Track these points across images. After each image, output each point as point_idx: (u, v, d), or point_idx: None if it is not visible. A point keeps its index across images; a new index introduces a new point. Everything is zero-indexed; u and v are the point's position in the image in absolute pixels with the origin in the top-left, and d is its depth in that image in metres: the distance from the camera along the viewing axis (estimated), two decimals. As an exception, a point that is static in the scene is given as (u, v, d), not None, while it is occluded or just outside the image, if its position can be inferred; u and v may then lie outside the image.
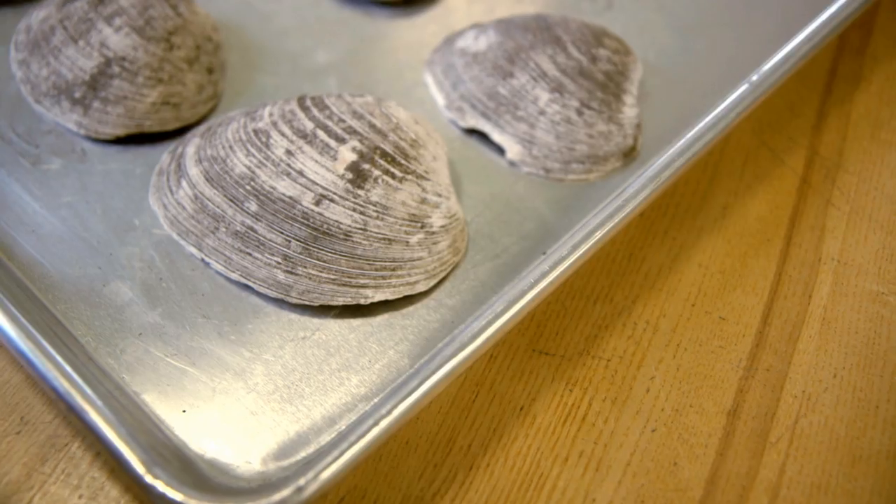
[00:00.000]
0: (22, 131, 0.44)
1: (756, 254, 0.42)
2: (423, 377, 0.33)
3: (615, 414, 0.36)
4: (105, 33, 0.45)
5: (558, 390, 0.37)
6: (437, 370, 0.33)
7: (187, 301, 0.39)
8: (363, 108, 0.41)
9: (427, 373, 0.33)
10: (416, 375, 0.33)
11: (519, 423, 0.36)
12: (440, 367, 0.33)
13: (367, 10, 0.53)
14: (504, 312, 0.35)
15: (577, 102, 0.44)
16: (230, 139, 0.41)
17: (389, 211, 0.39)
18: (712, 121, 0.42)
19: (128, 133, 0.44)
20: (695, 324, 0.39)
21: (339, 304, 0.38)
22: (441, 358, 0.33)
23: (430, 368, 0.33)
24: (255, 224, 0.39)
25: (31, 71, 0.46)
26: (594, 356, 0.38)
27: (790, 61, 0.45)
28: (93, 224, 0.41)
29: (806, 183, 0.45)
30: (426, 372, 0.33)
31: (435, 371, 0.33)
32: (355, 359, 0.37)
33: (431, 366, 0.33)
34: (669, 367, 0.38)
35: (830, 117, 0.48)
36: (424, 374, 0.33)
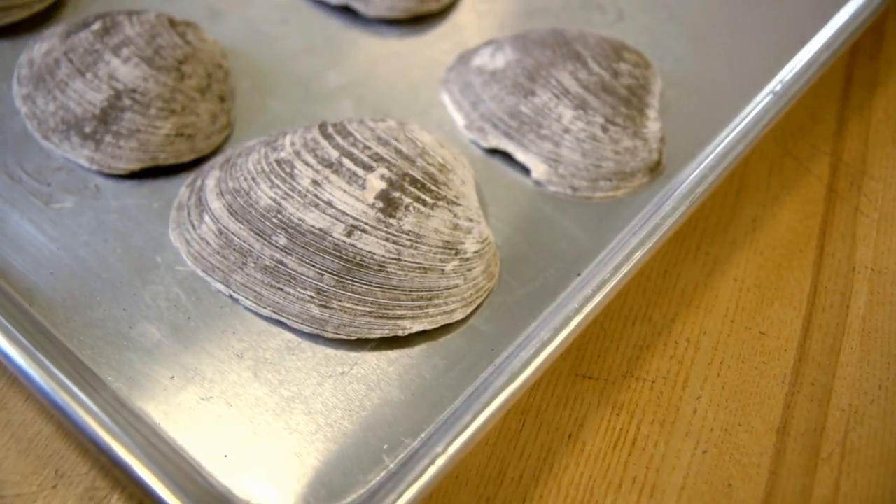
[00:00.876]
0: (31, 169, 0.44)
1: (790, 265, 0.42)
2: (476, 411, 0.33)
3: (664, 437, 0.36)
4: (113, 65, 0.44)
5: (605, 415, 0.37)
6: (489, 403, 0.33)
7: (218, 340, 0.38)
8: (388, 134, 0.41)
9: (479, 406, 0.33)
10: (467, 409, 0.33)
11: (568, 451, 0.36)
12: (492, 399, 0.33)
13: (376, 29, 0.53)
14: (552, 340, 0.35)
15: (601, 119, 0.44)
16: (252, 170, 0.40)
17: (423, 239, 0.38)
18: (741, 133, 0.42)
19: (142, 167, 0.44)
20: (736, 340, 0.39)
21: (377, 337, 0.38)
22: (493, 390, 0.33)
23: (482, 401, 0.33)
24: (284, 258, 0.38)
25: (37, 106, 0.45)
26: (638, 378, 0.38)
27: (811, 69, 0.46)
28: (113, 263, 0.40)
29: (833, 191, 0.45)
30: (478, 405, 0.33)
31: (487, 404, 0.33)
32: (397, 392, 0.37)
33: (483, 398, 0.33)
34: (714, 386, 0.38)
35: (851, 123, 0.49)
36: (477, 407, 0.33)
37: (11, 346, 0.35)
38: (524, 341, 0.38)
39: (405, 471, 0.32)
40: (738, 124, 0.44)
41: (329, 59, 0.51)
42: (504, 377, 0.34)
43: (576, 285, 0.40)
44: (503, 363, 0.37)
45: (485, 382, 0.36)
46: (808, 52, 0.49)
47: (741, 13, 0.55)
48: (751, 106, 0.47)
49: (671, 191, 0.43)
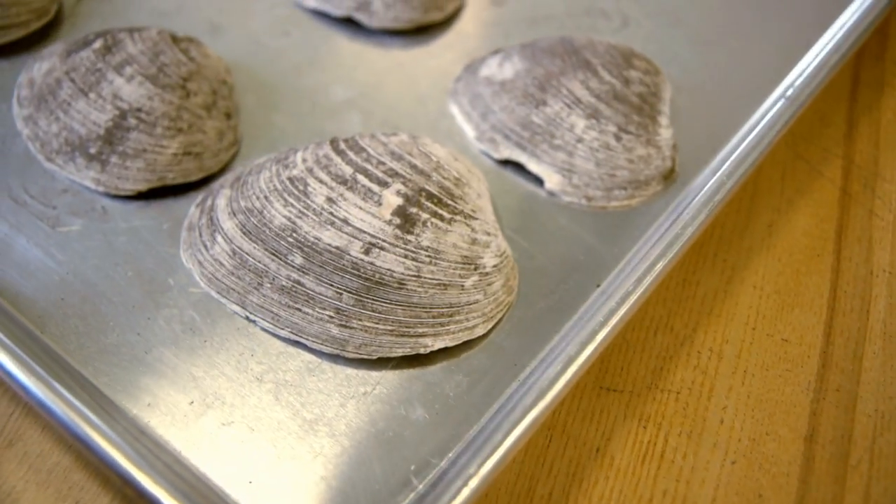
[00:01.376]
0: (36, 192, 0.43)
1: (808, 270, 0.42)
2: (507, 430, 0.32)
3: (693, 448, 0.36)
4: (117, 84, 0.44)
5: (632, 428, 0.37)
6: (520, 421, 0.33)
7: (236, 363, 0.38)
8: (401, 148, 0.40)
9: (510, 425, 0.33)
10: (497, 428, 0.33)
11: (597, 466, 0.36)
12: (523, 417, 0.33)
13: (380, 40, 0.53)
14: (579, 354, 0.35)
15: (614, 127, 0.44)
16: (264, 189, 0.40)
17: (441, 255, 0.38)
18: (756, 139, 0.43)
19: (150, 187, 0.43)
20: (758, 348, 0.39)
21: (398, 356, 0.38)
22: (522, 408, 0.33)
23: (511, 420, 0.33)
24: (301, 278, 0.38)
25: (40, 127, 0.44)
26: (663, 389, 0.38)
27: (822, 72, 0.46)
28: (125, 287, 0.40)
29: (846, 194, 0.46)
30: (508, 424, 0.33)
31: (518, 422, 0.33)
32: (421, 412, 0.37)
33: (513, 417, 0.33)
34: (740, 395, 0.38)
35: (860, 125, 0.49)
36: (507, 426, 0.33)
37: (26, 376, 0.35)
38: (547, 356, 0.38)
39: (436, 492, 0.32)
40: (752, 130, 0.44)
41: (334, 72, 0.51)
42: (533, 394, 0.34)
43: (596, 297, 0.40)
44: (528, 379, 0.37)
45: (510, 399, 0.36)
46: (814, 55, 0.49)
47: (745, 17, 0.55)
48: (761, 111, 0.47)
49: (686, 199, 0.43)
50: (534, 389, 0.34)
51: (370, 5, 0.52)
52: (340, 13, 0.52)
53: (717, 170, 0.44)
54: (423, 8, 0.52)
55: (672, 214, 0.43)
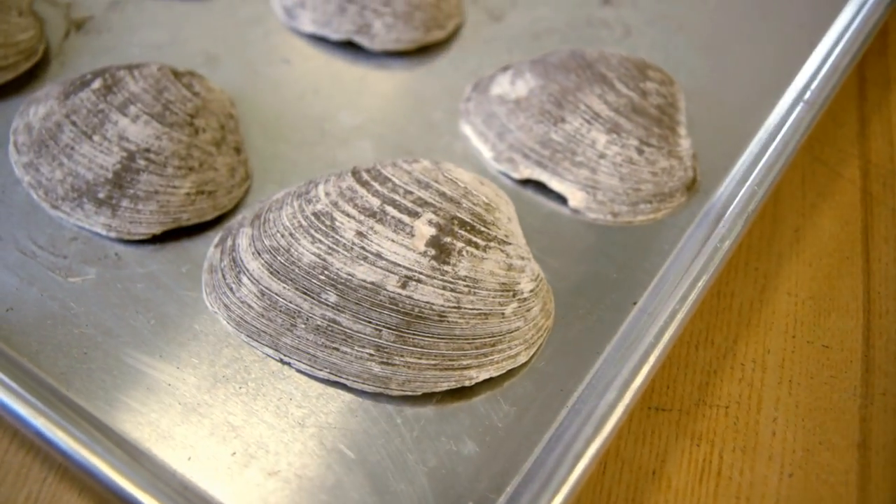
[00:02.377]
0: (44, 242, 0.42)
1: (839, 274, 0.43)
2: (571, 462, 0.32)
3: (748, 463, 0.36)
4: (122, 125, 0.43)
5: (685, 447, 0.37)
6: (583, 453, 0.33)
7: (275, 409, 0.37)
8: (426, 176, 0.40)
9: (573, 457, 0.32)
10: (560, 460, 0.33)
11: (655, 489, 0.36)
12: (585, 449, 0.33)
13: (382, 63, 0.52)
14: (633, 378, 0.35)
15: (635, 141, 0.44)
16: (288, 226, 0.39)
17: (480, 284, 0.38)
18: (780, 145, 0.43)
19: (164, 230, 0.43)
20: (800, 356, 0.40)
21: (444, 390, 0.37)
22: (584, 439, 0.33)
23: (575, 452, 0.33)
24: (337, 316, 0.37)
25: (42, 174, 0.43)
26: (711, 405, 0.38)
27: (837, 74, 0.47)
28: (148, 336, 0.39)
29: (868, 194, 0.46)
30: (571, 456, 0.33)
31: (581, 454, 0.33)
32: (472, 446, 0.36)
33: (575, 448, 0.33)
34: (788, 406, 0.38)
35: (873, 123, 0.50)
36: (570, 458, 0.33)
37: (60, 437, 0.34)
38: (594, 380, 0.38)
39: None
40: (774, 135, 0.44)
41: (339, 98, 0.50)
42: (592, 423, 0.33)
43: (636, 316, 0.40)
44: (577, 405, 0.37)
45: (564, 428, 0.36)
46: (821, 55, 0.50)
47: (745, 19, 0.56)
48: (775, 114, 0.48)
49: (713, 209, 0.43)
50: (592, 418, 0.34)
51: (370, 27, 0.52)
52: (339, 37, 0.52)
53: (740, 178, 0.45)
54: (424, 27, 0.52)
55: (700, 225, 0.43)
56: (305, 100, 0.50)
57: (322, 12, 0.52)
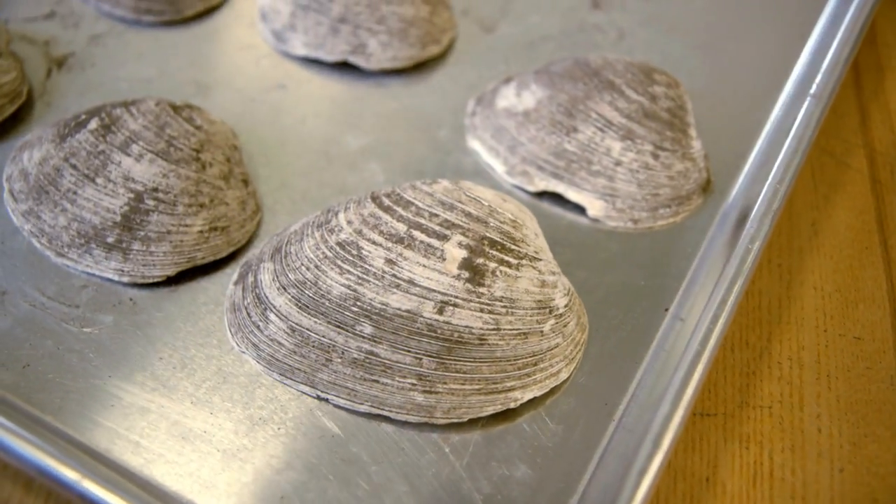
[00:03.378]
0: (53, 292, 0.41)
1: (861, 264, 0.44)
2: (636, 479, 0.32)
3: (799, 462, 0.37)
4: (125, 165, 0.42)
5: (735, 451, 0.37)
6: (646, 469, 0.33)
7: (318, 447, 0.36)
8: (448, 196, 0.40)
9: (637, 475, 0.33)
10: (624, 476, 0.33)
11: (711, 496, 0.36)
12: (648, 465, 0.33)
13: (380, 82, 0.52)
14: (685, 388, 0.35)
15: (650, 146, 0.45)
16: (313, 258, 0.39)
17: (517, 303, 0.38)
18: (794, 140, 0.44)
19: (179, 271, 0.42)
20: (834, 350, 0.41)
21: (490, 414, 0.37)
22: (644, 454, 0.33)
23: (638, 467, 0.33)
24: (374, 347, 0.37)
25: (44, 221, 0.42)
26: (754, 406, 0.39)
27: (839, 66, 0.48)
28: (177, 383, 0.38)
29: (877, 182, 0.47)
30: (635, 474, 0.33)
31: (646, 470, 0.33)
32: (525, 468, 0.36)
33: (638, 464, 0.33)
34: (830, 401, 0.39)
35: (872, 111, 0.51)
36: (634, 476, 0.33)
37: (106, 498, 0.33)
38: (637, 392, 0.38)
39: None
40: (787, 131, 0.45)
41: (341, 120, 0.50)
42: (651, 438, 0.33)
43: (669, 322, 0.40)
44: (624, 418, 0.37)
45: (616, 443, 0.36)
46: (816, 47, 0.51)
47: (734, 16, 0.57)
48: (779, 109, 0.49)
49: (732, 209, 0.44)
50: (650, 432, 0.34)
51: (366, 47, 0.51)
52: (334, 58, 0.52)
53: (754, 175, 0.45)
54: (420, 43, 0.52)
55: (721, 226, 0.44)
56: (307, 125, 0.49)
57: (314, 34, 0.52)
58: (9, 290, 0.41)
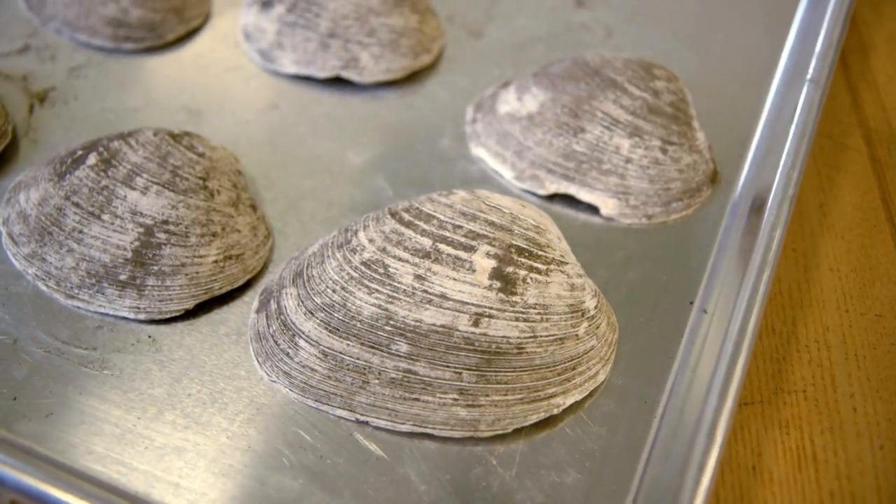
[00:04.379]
0: (67, 336, 0.40)
1: (871, 243, 0.45)
2: (696, 475, 0.33)
3: (840, 442, 0.38)
4: (131, 199, 0.41)
5: (776, 437, 0.38)
6: (705, 463, 0.33)
7: (363, 472, 0.36)
8: (468, 206, 0.40)
9: (696, 469, 0.33)
10: (681, 474, 0.33)
11: (760, 484, 0.37)
12: (706, 459, 0.33)
13: (374, 94, 0.52)
14: (730, 379, 0.35)
15: (658, 141, 0.45)
16: (337, 280, 0.39)
17: (550, 309, 0.38)
18: (799, 126, 0.45)
19: (197, 303, 0.41)
20: (858, 329, 0.42)
21: (533, 422, 0.37)
22: (700, 449, 0.33)
23: (696, 461, 0.33)
24: (412, 366, 0.37)
25: (50, 264, 0.41)
26: (789, 391, 0.39)
27: (832, 49, 0.49)
28: (207, 418, 0.37)
29: (876, 161, 0.49)
30: (694, 468, 0.33)
31: (704, 466, 0.33)
32: (574, 473, 0.36)
33: (695, 459, 0.33)
34: (861, 380, 0.40)
35: (861, 91, 0.53)
36: (693, 471, 0.33)
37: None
38: (675, 387, 0.39)
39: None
40: (791, 117, 0.46)
41: (340, 137, 0.50)
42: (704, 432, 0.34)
43: (696, 315, 0.41)
44: (667, 414, 0.38)
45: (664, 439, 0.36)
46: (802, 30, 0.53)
47: (719, 5, 0.58)
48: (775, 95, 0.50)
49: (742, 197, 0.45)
50: (703, 426, 0.34)
51: (358, 61, 0.51)
52: (326, 74, 0.51)
53: (760, 163, 0.46)
54: (412, 53, 0.52)
55: (734, 215, 0.45)
56: (306, 144, 0.49)
57: (303, 51, 0.51)
58: (20, 337, 0.40)
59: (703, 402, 0.35)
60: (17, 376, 0.38)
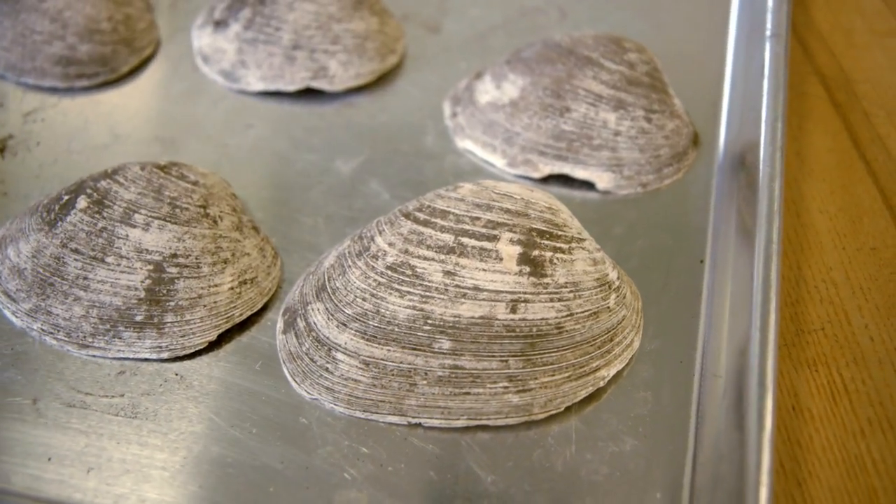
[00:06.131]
0: (90, 387, 0.39)
1: (851, 182, 0.48)
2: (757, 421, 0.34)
3: (865, 372, 0.40)
4: (134, 237, 0.40)
5: (807, 376, 0.40)
6: (763, 407, 0.35)
7: (426, 474, 0.36)
8: (480, 197, 0.41)
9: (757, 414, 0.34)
10: (740, 422, 0.35)
11: (801, 422, 0.39)
12: (763, 403, 0.35)
13: (347, 101, 0.52)
14: (767, 328, 0.37)
15: (642, 111, 0.47)
16: (365, 288, 0.39)
17: (580, 286, 0.39)
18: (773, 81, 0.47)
19: (220, 332, 0.41)
20: (858, 264, 0.44)
21: (582, 397, 0.38)
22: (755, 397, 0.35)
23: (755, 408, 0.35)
24: (457, 361, 0.38)
25: (57, 316, 0.40)
26: (808, 331, 0.42)
27: (784, 4, 0.51)
28: (257, 448, 0.37)
29: (838, 105, 0.52)
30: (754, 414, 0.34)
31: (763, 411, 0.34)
32: (630, 440, 0.37)
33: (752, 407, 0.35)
34: (871, 311, 0.42)
35: (810, 42, 0.56)
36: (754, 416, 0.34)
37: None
38: (706, 344, 0.40)
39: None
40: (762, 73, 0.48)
41: (322, 148, 0.50)
42: (754, 382, 0.35)
43: (710, 273, 0.43)
44: (705, 368, 0.39)
45: (712, 394, 0.38)
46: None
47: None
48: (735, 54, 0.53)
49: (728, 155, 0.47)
50: (751, 376, 0.36)
51: (327, 69, 0.51)
52: (296, 86, 0.51)
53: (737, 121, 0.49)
54: (379, 56, 0.52)
55: (722, 173, 0.47)
56: (289, 159, 0.49)
57: (269, 66, 0.51)
58: (39, 396, 0.39)
59: (743, 351, 0.37)
60: (45, 435, 0.37)
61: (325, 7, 0.52)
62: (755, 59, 0.50)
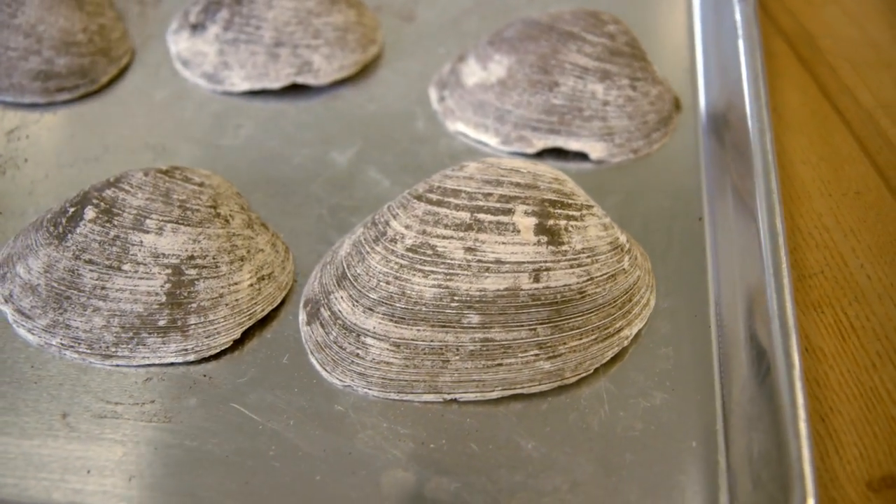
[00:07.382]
0: (119, 397, 0.38)
1: (827, 132, 0.50)
2: (785, 363, 0.35)
3: (869, 308, 0.42)
4: (148, 242, 0.40)
5: (814, 318, 0.42)
6: (789, 347, 0.36)
7: (467, 447, 0.37)
8: (489, 174, 0.41)
9: (784, 356, 0.36)
10: (767, 367, 0.36)
11: (816, 362, 0.40)
12: (788, 343, 0.36)
13: (334, 93, 0.52)
14: (780, 275, 0.38)
15: (627, 80, 0.48)
16: (387, 272, 0.39)
17: (596, 250, 0.40)
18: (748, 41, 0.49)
19: (244, 330, 0.40)
20: (846, 208, 0.46)
21: (609, 358, 0.39)
22: (780, 340, 0.36)
23: (781, 349, 0.36)
24: (487, 333, 0.38)
25: (76, 329, 0.39)
26: (809, 275, 0.43)
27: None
28: (300, 440, 0.37)
29: (804, 60, 0.54)
30: (781, 356, 0.36)
31: (790, 350, 0.36)
32: (660, 394, 0.38)
33: (777, 348, 0.36)
34: (863, 250, 0.44)
35: (768, 2, 0.58)
36: (781, 358, 0.36)
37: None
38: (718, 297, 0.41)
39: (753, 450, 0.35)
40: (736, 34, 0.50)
41: (315, 142, 0.49)
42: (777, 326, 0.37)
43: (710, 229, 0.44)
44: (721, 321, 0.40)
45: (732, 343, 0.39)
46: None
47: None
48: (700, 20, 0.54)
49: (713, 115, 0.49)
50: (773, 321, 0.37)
51: (311, 64, 0.51)
52: (281, 83, 0.51)
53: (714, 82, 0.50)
54: (361, 47, 0.52)
55: (709, 132, 0.49)
56: (284, 155, 0.49)
57: (252, 65, 0.51)
58: (68, 411, 0.38)
59: (755, 298, 0.39)
60: (81, 449, 0.36)
61: (303, 3, 0.51)
62: (725, 23, 0.51)
